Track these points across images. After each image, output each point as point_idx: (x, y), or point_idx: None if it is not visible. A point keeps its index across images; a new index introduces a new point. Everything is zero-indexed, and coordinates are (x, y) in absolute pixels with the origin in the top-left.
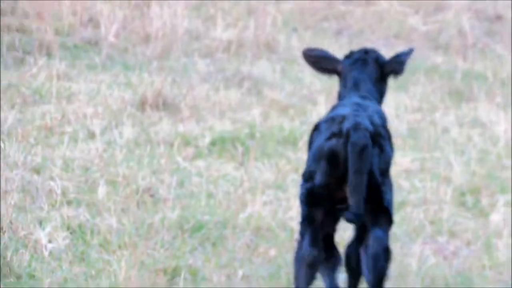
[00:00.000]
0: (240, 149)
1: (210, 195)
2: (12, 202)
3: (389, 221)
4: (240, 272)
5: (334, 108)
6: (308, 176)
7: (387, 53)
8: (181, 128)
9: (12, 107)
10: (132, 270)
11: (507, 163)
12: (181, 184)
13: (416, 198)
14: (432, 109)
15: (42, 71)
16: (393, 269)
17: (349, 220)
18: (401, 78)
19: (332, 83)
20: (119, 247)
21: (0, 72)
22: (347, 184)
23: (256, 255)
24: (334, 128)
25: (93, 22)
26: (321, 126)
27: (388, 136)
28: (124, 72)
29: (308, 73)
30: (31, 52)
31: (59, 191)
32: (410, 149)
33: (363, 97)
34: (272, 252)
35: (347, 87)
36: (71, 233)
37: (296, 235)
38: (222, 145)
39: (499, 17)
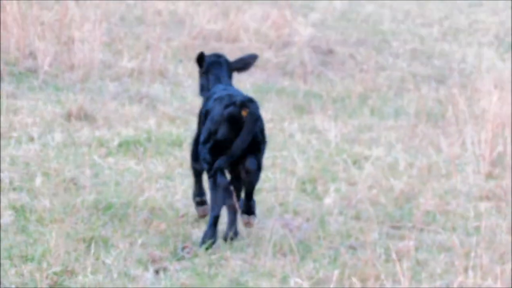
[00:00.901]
0: (140, 149)
1: (117, 183)
2: None
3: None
4: (139, 241)
5: (211, 94)
6: (207, 138)
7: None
8: (97, 133)
9: None
10: (60, 239)
11: (337, 160)
12: (96, 175)
13: (269, 186)
14: (281, 120)
15: None
16: (252, 239)
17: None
18: (256, 97)
19: None
20: (51, 221)
21: None
22: (239, 138)
23: (152, 228)
24: (227, 101)
25: (32, 55)
26: (212, 105)
27: None
28: (55, 92)
29: (190, 93)
30: None
31: (7, 180)
32: None
33: (228, 86)
34: (163, 226)
35: (211, 81)
36: (15, 211)
37: (181, 213)
38: (127, 146)
39: (330, 51)
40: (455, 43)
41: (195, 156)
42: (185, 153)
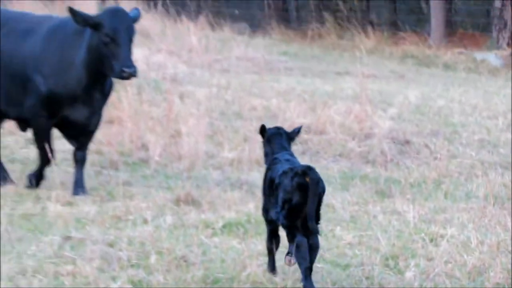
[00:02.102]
0: (242, 230)
1: (223, 260)
2: (94, 265)
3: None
4: None
5: (275, 161)
6: (282, 207)
7: (332, 168)
8: (203, 216)
9: (94, 202)
10: None
11: (416, 238)
12: (204, 253)
13: (356, 262)
14: (365, 203)
15: (112, 180)
16: None
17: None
18: (342, 183)
19: None
20: None
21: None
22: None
23: None
24: (292, 174)
25: (144, 147)
26: (279, 179)
27: None
28: (165, 180)
29: None
30: (105, 167)
31: (125, 258)
32: (350, 228)
33: (289, 156)
34: None
35: (275, 149)
36: (133, 286)
37: (279, 286)
38: (230, 227)
39: (407, 141)
40: None
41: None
42: (282, 233)
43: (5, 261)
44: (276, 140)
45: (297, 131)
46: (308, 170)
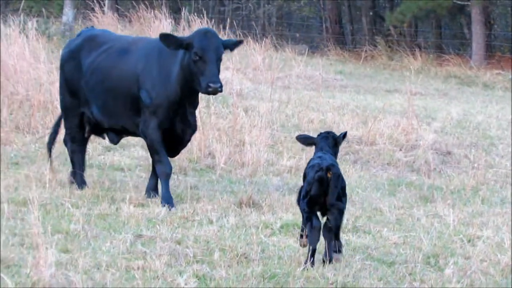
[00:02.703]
0: (297, 230)
1: (280, 257)
2: (163, 261)
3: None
4: None
5: (310, 161)
6: (305, 195)
7: (381, 176)
8: (263, 218)
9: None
10: None
11: (455, 239)
12: (263, 251)
13: (400, 259)
14: (410, 207)
15: (181, 184)
16: None
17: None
18: (390, 189)
19: None
20: (226, 287)
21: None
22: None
23: None
24: (317, 168)
25: (211, 155)
26: (307, 171)
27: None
28: (229, 184)
29: None
30: (175, 172)
31: (191, 255)
32: (396, 229)
33: (324, 153)
34: None
35: (318, 150)
36: (198, 280)
37: (330, 281)
38: (287, 228)
39: (449, 152)
40: None
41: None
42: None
43: (82, 256)
44: (322, 142)
45: (342, 136)
46: (331, 166)
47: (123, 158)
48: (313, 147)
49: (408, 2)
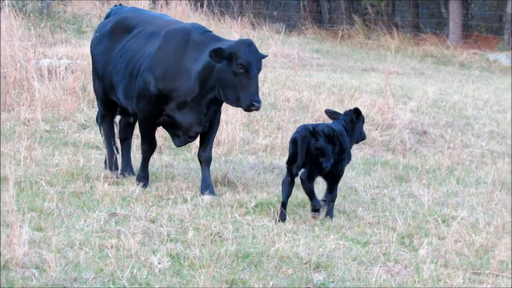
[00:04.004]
0: (272, 209)
1: (254, 236)
2: (137, 239)
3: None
4: (271, 283)
5: None
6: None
7: (356, 155)
8: (238, 196)
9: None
10: (207, 281)
11: (429, 219)
12: (237, 229)
13: (375, 239)
14: (385, 186)
15: (156, 163)
16: (361, 282)
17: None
18: (365, 168)
19: None
20: (200, 267)
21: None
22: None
23: (281, 273)
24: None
25: None
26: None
27: (328, 135)
28: None
29: None
30: None
31: (165, 233)
32: (371, 209)
33: (334, 124)
34: (290, 271)
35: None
36: (171, 258)
37: (305, 260)
38: (261, 207)
39: (424, 132)
40: None
41: None
42: (308, 213)
43: (55, 234)
44: (342, 116)
45: (353, 111)
46: (305, 130)
47: (98, 137)
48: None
49: None
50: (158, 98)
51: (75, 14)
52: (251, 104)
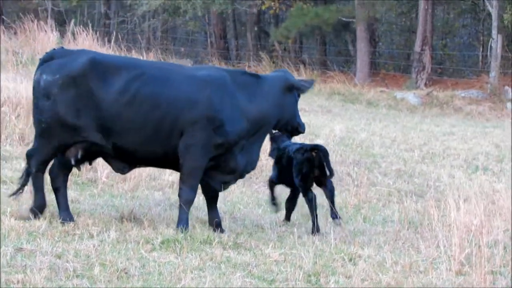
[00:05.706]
0: (178, 246)
1: (160, 273)
2: (43, 275)
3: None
4: None
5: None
6: (297, 174)
7: (263, 192)
8: (144, 232)
9: (45, 218)
10: None
11: (336, 257)
12: (143, 266)
13: (281, 277)
14: (292, 224)
15: None
16: None
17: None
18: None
19: None
20: None
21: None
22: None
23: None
24: (303, 151)
25: (93, 168)
26: (293, 154)
27: None
28: (111, 199)
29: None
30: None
31: (71, 269)
32: (278, 247)
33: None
34: None
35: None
36: None
37: None
38: (168, 243)
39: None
40: (431, 165)
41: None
42: (214, 250)
43: None
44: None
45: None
46: (315, 147)
47: (5, 171)
48: None
49: (294, 18)
50: (219, 146)
51: None
52: (304, 129)
